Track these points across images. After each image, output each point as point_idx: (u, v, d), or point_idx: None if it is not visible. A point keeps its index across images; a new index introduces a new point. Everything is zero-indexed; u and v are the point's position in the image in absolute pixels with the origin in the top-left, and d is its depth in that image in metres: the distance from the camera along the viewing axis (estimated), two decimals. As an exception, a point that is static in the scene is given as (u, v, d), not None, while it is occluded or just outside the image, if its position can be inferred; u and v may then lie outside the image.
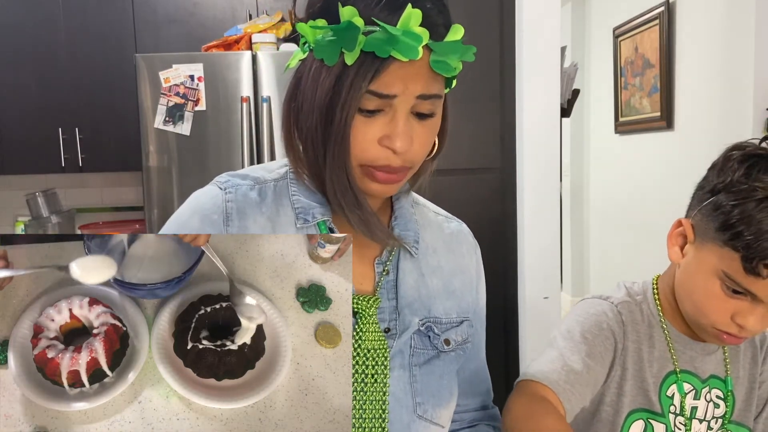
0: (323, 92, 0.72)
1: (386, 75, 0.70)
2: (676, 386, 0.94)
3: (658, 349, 0.95)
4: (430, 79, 0.73)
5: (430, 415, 0.83)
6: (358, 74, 0.70)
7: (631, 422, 0.95)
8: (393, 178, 0.76)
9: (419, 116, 0.74)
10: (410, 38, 0.69)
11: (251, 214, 0.80)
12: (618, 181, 4.24)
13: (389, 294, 0.84)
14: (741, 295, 0.84)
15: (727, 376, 0.96)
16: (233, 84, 2.38)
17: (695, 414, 0.95)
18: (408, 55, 0.69)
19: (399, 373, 0.82)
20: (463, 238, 0.94)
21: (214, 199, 0.81)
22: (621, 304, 0.97)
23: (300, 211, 0.81)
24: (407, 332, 0.83)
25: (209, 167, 2.40)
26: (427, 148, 0.77)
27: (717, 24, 2.97)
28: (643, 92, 3.76)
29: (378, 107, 0.72)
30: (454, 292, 0.90)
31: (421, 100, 0.73)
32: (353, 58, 0.70)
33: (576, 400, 0.88)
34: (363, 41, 0.70)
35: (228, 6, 2.84)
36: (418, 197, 0.94)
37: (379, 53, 0.69)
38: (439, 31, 0.72)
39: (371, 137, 0.73)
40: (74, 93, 2.85)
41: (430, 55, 0.72)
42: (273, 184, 0.83)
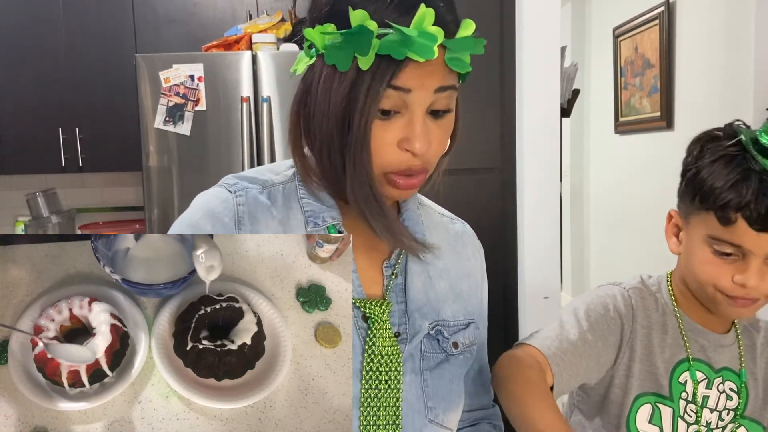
0: (338, 99, 0.71)
1: (402, 74, 0.70)
2: (688, 373, 0.96)
3: (671, 336, 0.98)
4: (446, 74, 0.72)
5: (441, 420, 0.83)
6: (375, 79, 0.69)
7: (639, 405, 0.97)
8: (413, 183, 0.75)
9: (434, 114, 0.74)
10: (425, 38, 0.68)
11: (262, 218, 0.79)
12: (618, 181, 4.24)
13: (398, 298, 0.83)
14: (732, 256, 0.89)
15: (742, 369, 0.98)
16: (233, 84, 2.38)
17: (706, 403, 0.96)
18: (424, 55, 0.68)
19: (411, 378, 0.81)
20: (468, 240, 0.94)
21: (225, 202, 0.79)
22: (632, 289, 1.01)
23: (310, 215, 0.80)
24: (417, 336, 0.83)
25: (209, 167, 2.40)
26: (444, 147, 0.77)
27: (717, 24, 2.96)
28: (643, 92, 3.76)
29: (394, 107, 0.71)
30: (460, 294, 0.89)
31: (439, 93, 0.72)
32: (368, 62, 0.69)
33: (566, 366, 0.91)
34: (377, 44, 0.68)
35: (228, 6, 2.84)
36: (423, 198, 0.93)
37: (396, 55, 0.68)
38: (450, 28, 0.72)
39: (390, 141, 0.72)
40: (74, 93, 2.85)
41: (446, 53, 0.71)
42: (281, 186, 0.82)
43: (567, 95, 2.71)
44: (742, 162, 0.87)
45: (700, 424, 0.95)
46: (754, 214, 0.84)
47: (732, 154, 0.88)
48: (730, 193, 0.86)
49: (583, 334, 0.94)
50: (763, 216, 0.84)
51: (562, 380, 0.91)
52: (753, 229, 0.85)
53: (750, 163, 0.86)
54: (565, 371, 0.91)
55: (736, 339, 0.99)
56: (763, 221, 0.84)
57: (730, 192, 0.86)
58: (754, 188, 0.85)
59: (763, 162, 0.86)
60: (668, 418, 0.96)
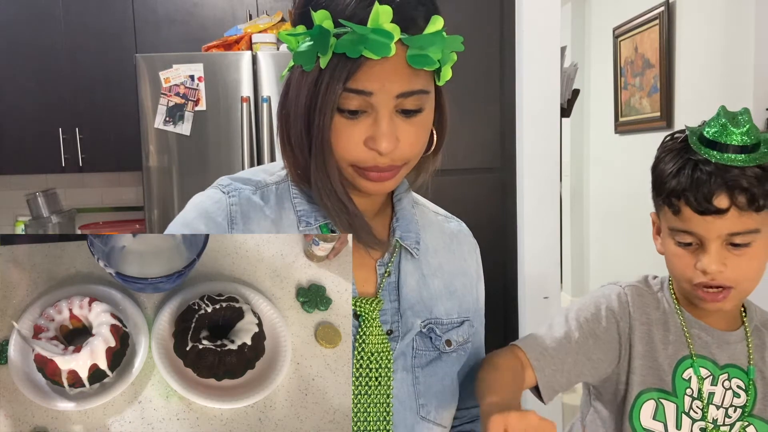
0: (303, 98, 0.73)
1: (361, 74, 0.70)
2: (692, 370, 0.97)
3: (674, 333, 0.99)
4: (411, 75, 0.71)
5: (433, 417, 0.83)
6: (332, 77, 0.70)
7: (643, 401, 0.97)
8: (385, 176, 0.75)
9: (405, 113, 0.73)
10: (380, 35, 0.68)
11: (255, 218, 0.81)
12: (618, 181, 4.24)
13: (391, 296, 0.84)
14: (692, 245, 0.92)
15: (750, 366, 0.98)
16: (233, 84, 2.38)
17: (712, 399, 0.97)
18: (379, 53, 0.68)
19: (402, 375, 0.82)
20: (463, 238, 0.94)
21: (218, 203, 0.81)
22: (629, 287, 1.03)
23: (302, 214, 0.81)
24: (410, 334, 0.83)
25: (209, 167, 2.40)
26: (418, 145, 0.76)
27: (717, 24, 2.96)
28: (643, 92, 3.76)
29: (360, 107, 0.71)
30: (455, 292, 0.90)
31: (402, 98, 0.72)
32: (326, 61, 0.70)
33: (547, 362, 0.94)
34: (334, 43, 0.69)
35: (228, 6, 2.85)
36: (418, 197, 0.94)
37: (350, 54, 0.69)
38: (416, 24, 0.71)
39: (357, 139, 0.73)
40: (74, 93, 2.85)
41: (407, 50, 0.70)
42: (274, 187, 0.83)
43: (567, 95, 2.71)
44: (685, 154, 0.92)
45: (707, 420, 0.95)
46: (692, 198, 0.89)
47: (679, 148, 0.94)
48: (672, 182, 0.92)
49: (569, 333, 0.97)
50: (700, 199, 0.88)
51: (545, 375, 0.94)
52: (695, 212, 0.89)
53: (690, 154, 0.92)
54: (548, 366, 0.94)
55: (745, 337, 0.99)
56: (701, 204, 0.88)
57: (672, 180, 0.92)
58: (688, 174, 0.90)
59: (703, 151, 0.90)
60: (672, 414, 0.96)
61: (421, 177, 0.84)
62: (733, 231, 0.89)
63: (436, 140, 0.80)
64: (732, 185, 0.87)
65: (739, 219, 0.88)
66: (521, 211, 2.45)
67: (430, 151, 0.81)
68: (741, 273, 0.91)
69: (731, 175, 0.88)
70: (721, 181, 0.88)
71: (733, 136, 0.89)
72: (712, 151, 0.90)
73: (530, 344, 0.96)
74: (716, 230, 0.89)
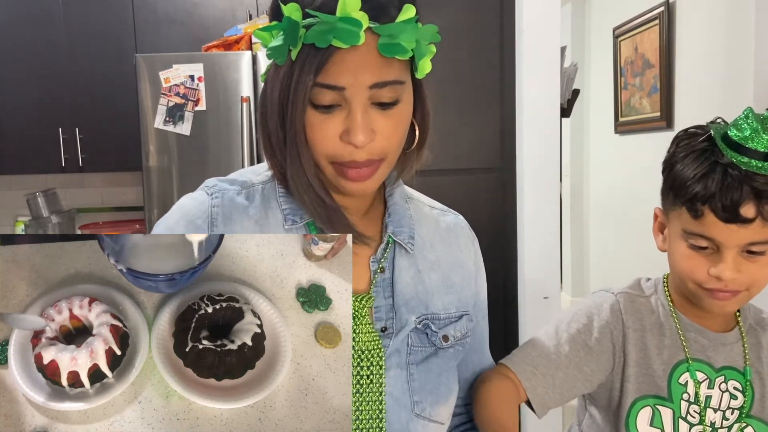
0: (276, 92, 0.72)
1: (332, 66, 0.69)
2: (688, 374, 0.96)
3: (669, 338, 0.98)
4: (383, 65, 0.71)
5: (428, 414, 0.83)
6: (303, 69, 0.69)
7: (639, 409, 0.96)
8: (364, 174, 0.74)
9: (381, 105, 0.72)
10: (348, 24, 0.68)
11: (238, 218, 0.80)
12: (618, 181, 4.24)
13: (385, 292, 0.84)
14: (707, 249, 0.90)
15: (746, 367, 0.97)
16: (233, 84, 2.38)
17: (709, 403, 0.96)
18: (348, 41, 0.68)
19: (396, 373, 0.82)
20: (459, 231, 0.94)
21: (200, 204, 0.81)
22: (621, 294, 1.01)
23: (288, 212, 0.81)
24: (404, 331, 0.83)
25: (209, 167, 2.40)
26: (396, 138, 0.75)
27: (717, 24, 2.96)
28: (643, 92, 3.75)
29: (333, 101, 0.71)
30: (452, 286, 0.89)
31: (376, 89, 0.71)
32: (296, 52, 0.70)
33: (538, 381, 0.93)
34: (304, 34, 0.69)
35: (228, 6, 2.85)
36: (412, 191, 0.93)
37: (319, 44, 0.68)
38: (387, 13, 0.70)
39: (332, 134, 0.72)
40: (74, 93, 2.85)
41: (378, 39, 0.70)
42: (261, 186, 0.83)
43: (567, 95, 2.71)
44: (711, 156, 0.89)
45: (705, 424, 0.95)
46: (719, 205, 0.86)
47: (702, 148, 0.90)
48: (697, 186, 0.88)
49: (558, 347, 0.95)
50: (728, 207, 0.85)
51: (537, 395, 0.93)
52: (720, 220, 0.86)
53: (717, 157, 0.88)
54: (539, 386, 0.93)
55: (740, 337, 0.99)
56: (728, 212, 0.86)
57: (698, 184, 0.88)
58: (718, 180, 0.86)
59: (729, 154, 0.87)
60: (669, 420, 0.95)
61: (405, 173, 0.83)
62: (754, 240, 0.87)
63: (419, 134, 0.79)
64: (760, 194, 0.85)
65: (762, 229, 0.86)
66: (521, 211, 2.45)
67: (413, 146, 0.80)
68: (753, 279, 0.89)
69: (759, 184, 0.85)
70: (749, 189, 0.85)
71: (764, 142, 0.86)
72: (741, 157, 0.86)
73: (519, 363, 0.95)
74: (737, 239, 0.87)
